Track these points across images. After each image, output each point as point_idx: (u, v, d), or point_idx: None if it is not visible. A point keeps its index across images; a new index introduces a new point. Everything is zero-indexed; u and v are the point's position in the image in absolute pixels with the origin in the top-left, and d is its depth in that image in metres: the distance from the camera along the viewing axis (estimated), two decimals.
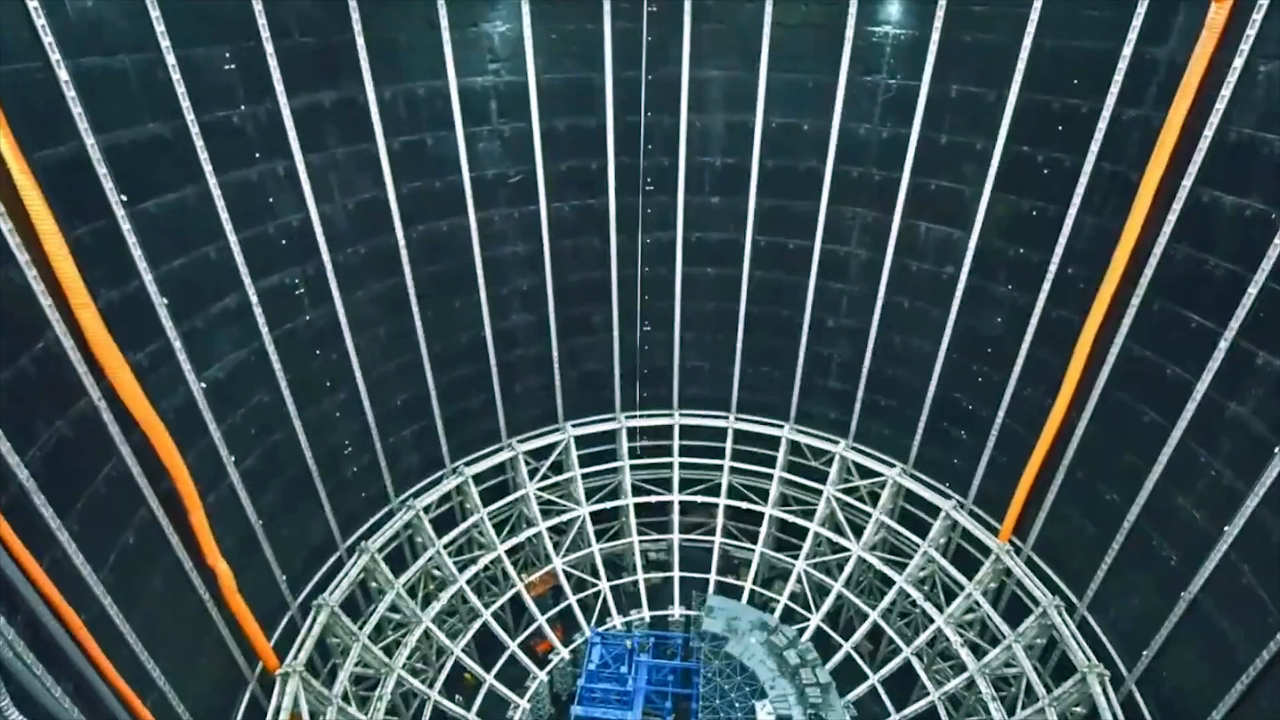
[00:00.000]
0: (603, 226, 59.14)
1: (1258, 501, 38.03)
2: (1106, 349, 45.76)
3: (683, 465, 67.78)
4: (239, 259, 43.77)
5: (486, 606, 61.28)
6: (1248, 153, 37.33)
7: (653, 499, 68.15)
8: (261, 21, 41.54)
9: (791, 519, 65.73)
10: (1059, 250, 47.64)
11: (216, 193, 41.57)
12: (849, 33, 51.20)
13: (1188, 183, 39.82)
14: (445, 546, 60.45)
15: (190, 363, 41.36)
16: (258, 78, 42.60)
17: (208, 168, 40.77)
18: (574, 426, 66.56)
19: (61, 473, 33.52)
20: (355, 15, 45.40)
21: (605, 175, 57.39)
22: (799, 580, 63.16)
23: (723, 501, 66.96)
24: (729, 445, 67.79)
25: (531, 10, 51.28)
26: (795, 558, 64.08)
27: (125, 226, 37.03)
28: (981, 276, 52.49)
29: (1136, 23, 41.08)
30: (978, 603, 55.53)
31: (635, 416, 67.90)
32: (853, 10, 50.66)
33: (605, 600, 63.47)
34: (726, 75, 55.33)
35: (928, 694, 56.01)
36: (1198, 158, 39.18)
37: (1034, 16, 44.75)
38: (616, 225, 59.12)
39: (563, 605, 63.38)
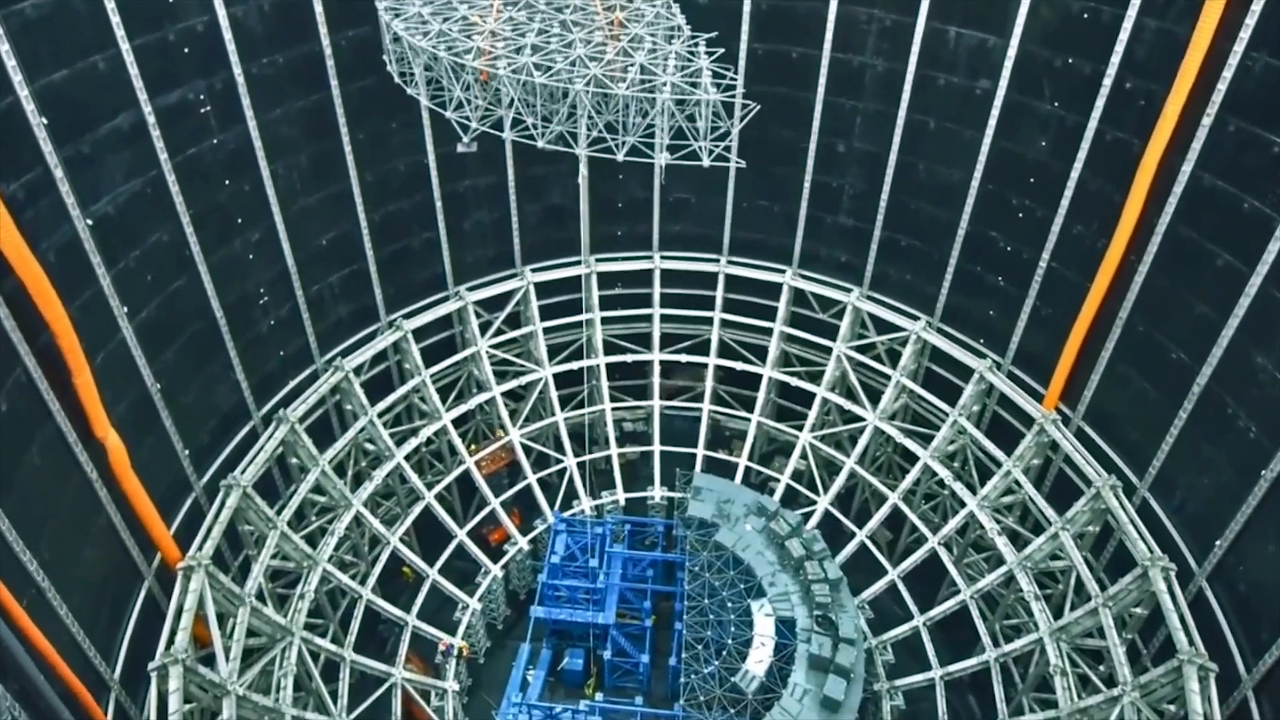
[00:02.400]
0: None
1: None
2: (1172, 178, 45.75)
3: (664, 319, 67.74)
4: (132, 70, 42.89)
5: (429, 487, 61.56)
6: None
7: (629, 358, 68.40)
8: None
9: (795, 383, 65.83)
10: (1115, 60, 47.21)
11: None
12: None
13: None
14: (380, 415, 60.48)
15: (74, 195, 40.88)
16: None
17: None
18: (534, 272, 66.45)
19: None
20: None
21: None
22: (804, 456, 63.44)
23: (712, 361, 67.01)
24: (720, 294, 67.68)
25: None
26: (799, 429, 64.43)
27: None
28: (1022, 91, 52.11)
29: None
30: (1018, 483, 56.09)
31: (607, 260, 67.70)
32: None
33: (571, 480, 63.83)
34: None
35: (958, 591, 56.94)
36: None
37: None
38: None
39: (520, 486, 63.86)
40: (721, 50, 43.34)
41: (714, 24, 49.57)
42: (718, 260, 67.38)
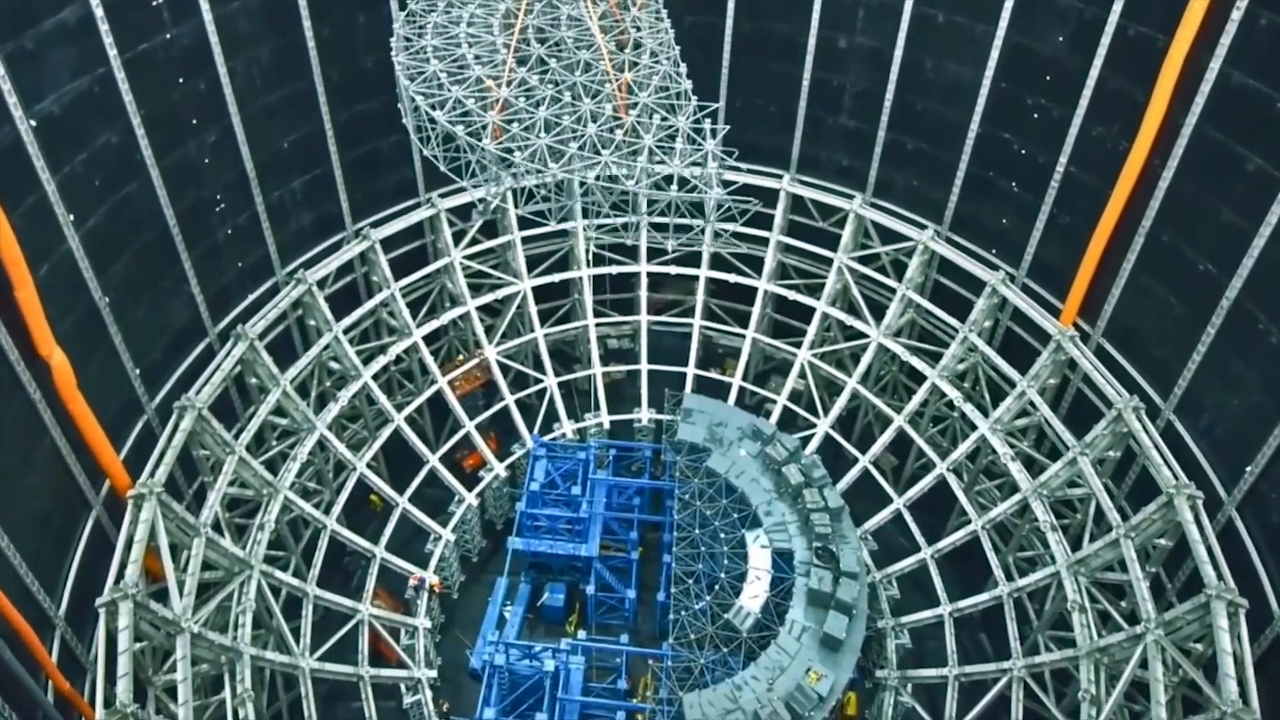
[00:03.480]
0: None
1: None
2: (1199, 76, 44.94)
3: (654, 227, 66.25)
4: None
5: (399, 409, 61.25)
6: None
7: (614, 270, 67.66)
8: None
9: (793, 297, 65.39)
10: None
11: None
12: None
13: None
14: (346, 332, 59.98)
15: (16, 94, 39.97)
16: None
17: None
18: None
19: None
20: None
21: None
22: (802, 375, 63.14)
23: (704, 274, 66.59)
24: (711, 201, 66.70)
25: None
26: (797, 346, 64.03)
27: None
28: None
29: None
30: (1033, 404, 55.72)
31: None
32: None
33: (552, 401, 63.49)
34: None
35: (968, 522, 56.77)
36: None
37: None
38: None
39: (497, 408, 63.64)
40: (727, 129, 44.06)
41: None
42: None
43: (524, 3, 49.33)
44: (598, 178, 42.95)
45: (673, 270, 67.13)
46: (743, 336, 65.40)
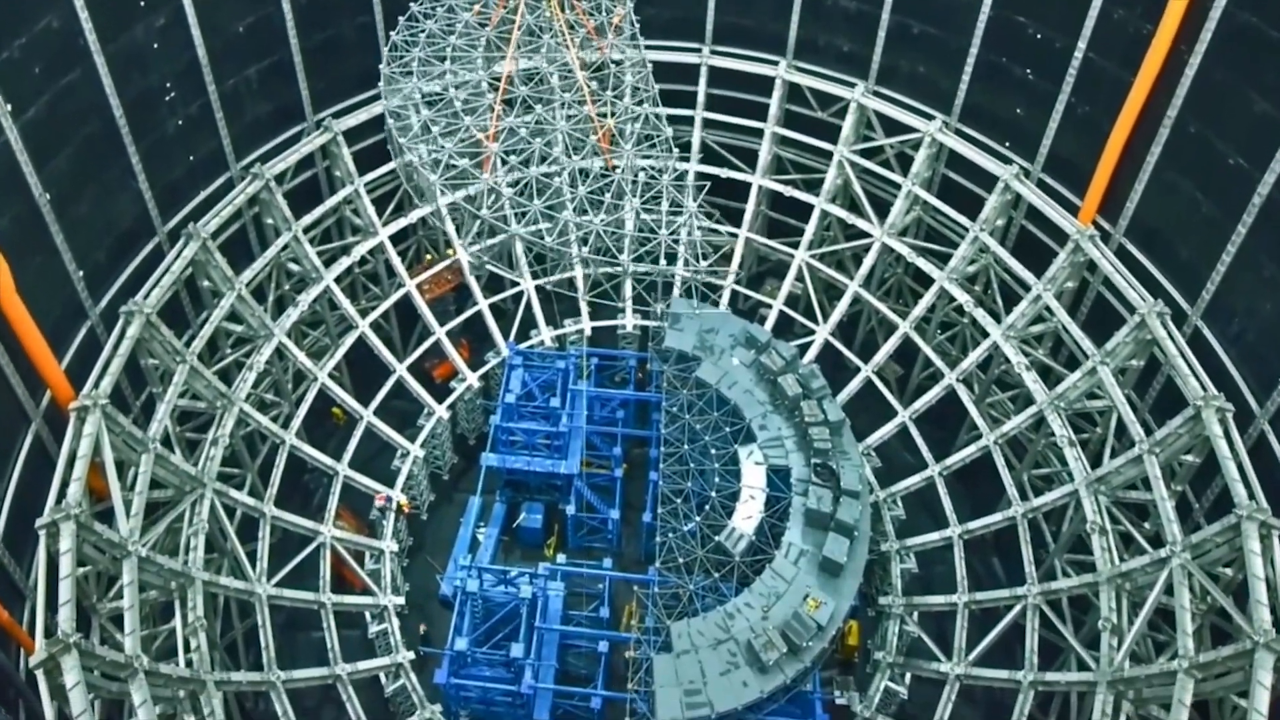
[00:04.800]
0: None
1: None
2: None
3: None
4: None
5: (363, 315, 61.01)
6: None
7: (596, 164, 66.63)
8: None
9: (789, 193, 64.88)
10: None
11: None
12: None
13: None
14: (306, 231, 59.54)
15: None
16: None
17: None
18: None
19: None
20: None
21: None
22: (800, 278, 62.90)
23: (694, 168, 64.84)
24: (701, 90, 66.54)
25: None
26: (794, 247, 63.63)
27: None
28: None
29: None
30: (1049, 309, 55.34)
31: None
32: None
33: (529, 304, 62.90)
34: None
35: (979, 436, 56.61)
36: None
37: None
38: None
39: (470, 313, 63.15)
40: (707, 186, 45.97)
41: None
42: (700, 50, 65.86)
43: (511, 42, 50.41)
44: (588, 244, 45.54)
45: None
46: (735, 236, 64.71)
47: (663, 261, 45.40)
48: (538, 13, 51.55)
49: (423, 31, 51.31)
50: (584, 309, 62.20)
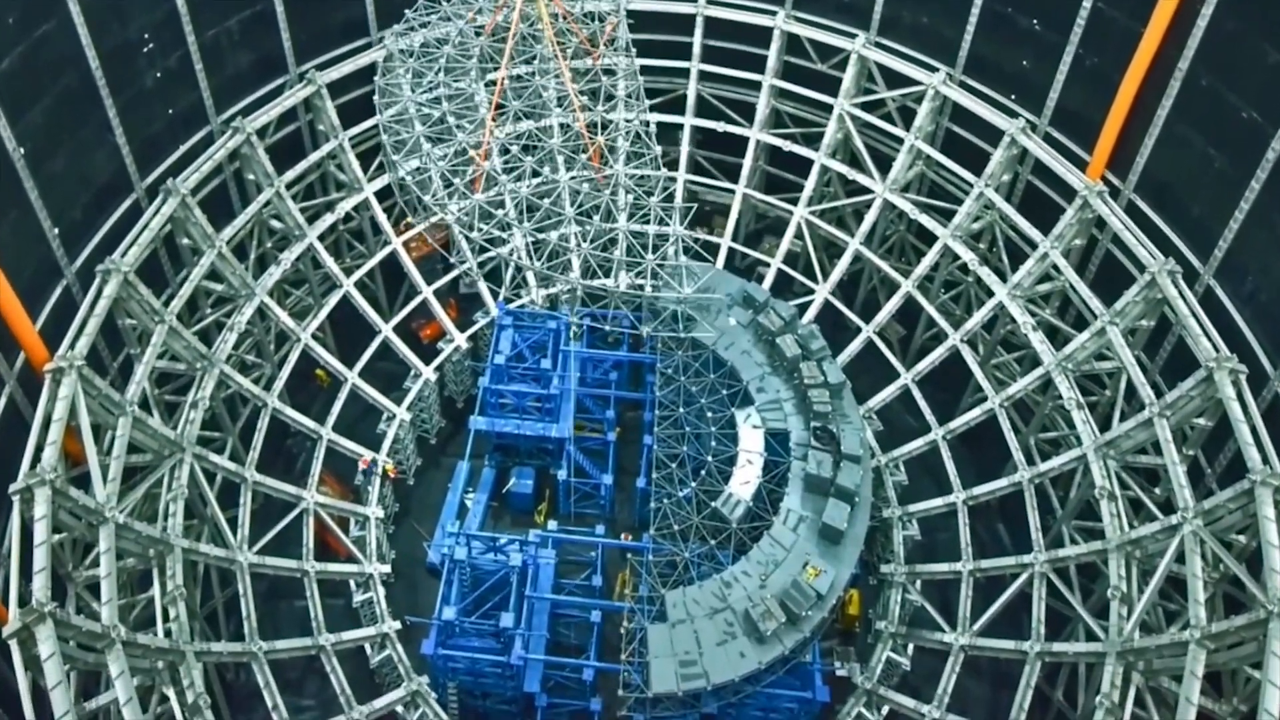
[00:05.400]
0: None
1: None
2: None
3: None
4: None
5: (348, 273, 60.75)
6: None
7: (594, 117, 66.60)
8: None
9: (788, 147, 64.50)
10: None
11: None
12: None
13: None
14: (289, 187, 59.24)
15: None
16: None
17: None
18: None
19: None
20: None
21: None
22: (799, 235, 62.64)
23: (689, 122, 65.93)
24: (697, 41, 66.09)
25: None
26: (793, 203, 63.37)
27: None
28: None
29: None
30: (1056, 268, 55.18)
31: None
32: None
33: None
34: None
35: (984, 399, 56.51)
36: None
37: None
38: None
39: (458, 271, 63.16)
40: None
41: None
42: (696, 0, 65.44)
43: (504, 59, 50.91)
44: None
45: (653, 118, 64.58)
46: (732, 192, 64.96)
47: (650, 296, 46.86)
48: (531, 21, 51.87)
49: (414, 47, 51.90)
50: (575, 265, 61.74)
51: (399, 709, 49.67)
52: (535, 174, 48.21)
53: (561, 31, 53.23)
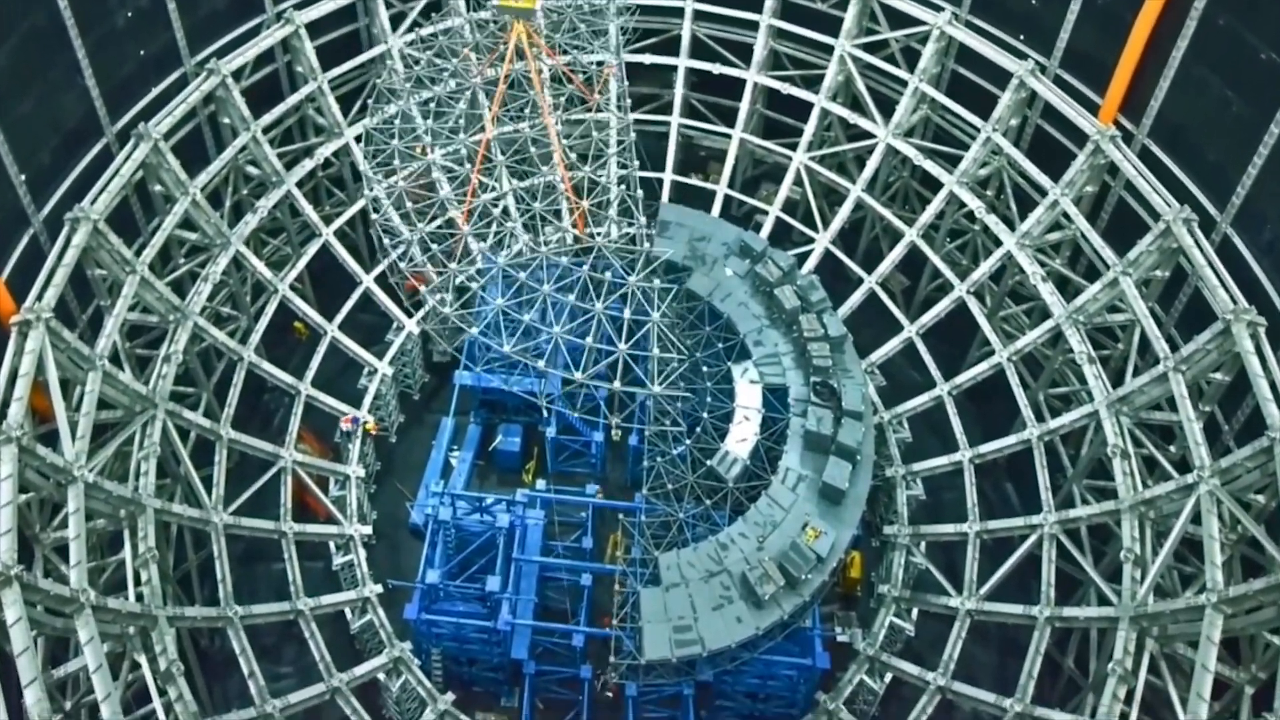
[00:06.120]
0: None
1: None
2: None
3: (624, 10, 63.83)
4: None
5: (327, 222, 60.54)
6: None
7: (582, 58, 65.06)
8: None
9: (787, 90, 64.10)
10: None
11: None
12: None
13: None
14: (266, 131, 58.81)
15: None
16: None
17: None
18: None
19: None
20: None
21: None
22: (798, 182, 62.26)
23: (683, 63, 65.41)
24: None
25: None
26: (792, 148, 62.98)
27: None
28: None
29: None
30: (1067, 216, 54.79)
31: None
32: None
33: (505, 210, 60.12)
34: None
35: (991, 353, 56.31)
36: None
37: None
38: None
39: (442, 219, 61.21)
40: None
41: None
42: None
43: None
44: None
45: (646, 59, 65.93)
46: (728, 137, 64.50)
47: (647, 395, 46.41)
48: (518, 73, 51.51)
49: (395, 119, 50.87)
50: (565, 214, 61.29)
51: (381, 676, 49.59)
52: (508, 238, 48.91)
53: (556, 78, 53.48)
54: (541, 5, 47.47)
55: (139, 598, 45.10)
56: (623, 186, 50.58)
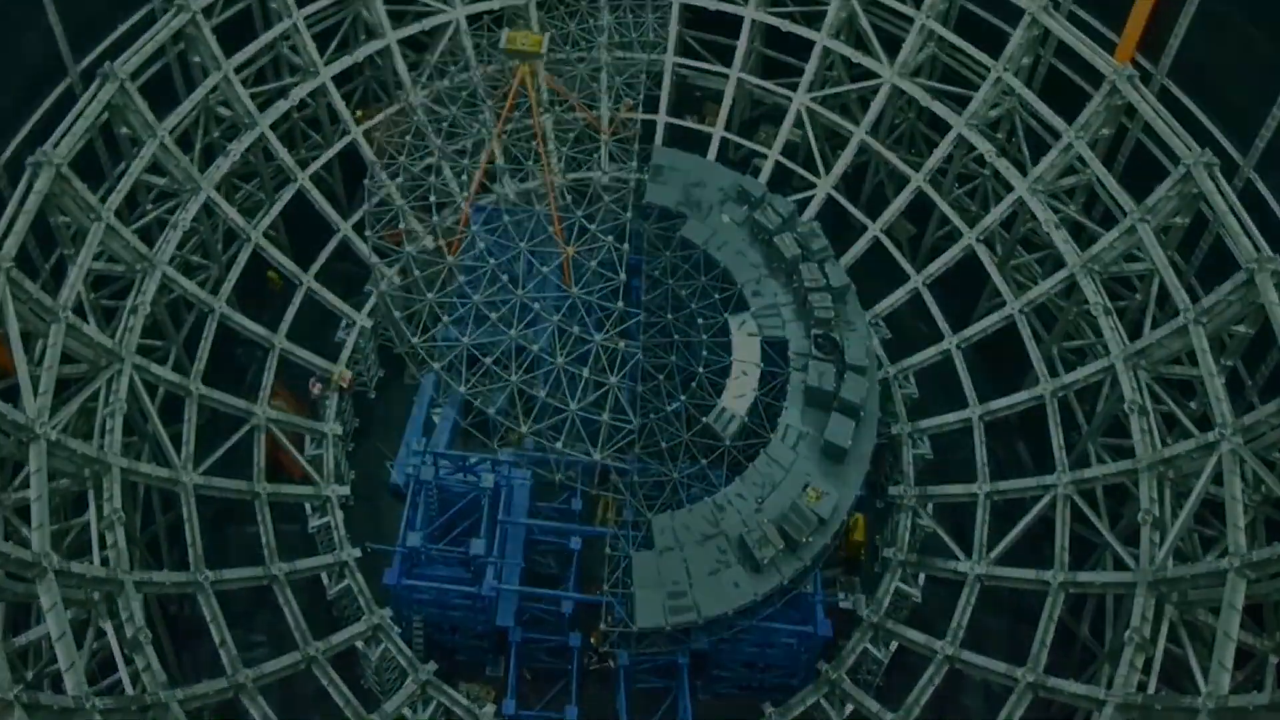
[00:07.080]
0: None
1: None
2: None
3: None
4: None
5: (303, 166, 59.95)
6: None
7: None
8: None
9: (786, 27, 63.59)
10: None
11: None
12: None
13: None
14: (238, 71, 58.17)
15: None
16: None
17: None
18: None
19: None
20: None
21: None
22: (799, 124, 61.81)
23: None
24: None
25: None
26: (792, 89, 62.52)
27: None
28: None
29: None
30: (1082, 160, 54.52)
31: None
32: None
33: (492, 160, 60.93)
34: None
35: (1002, 304, 56.16)
36: None
37: None
38: None
39: (425, 164, 60.49)
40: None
41: None
42: None
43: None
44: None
45: None
46: (725, 76, 64.30)
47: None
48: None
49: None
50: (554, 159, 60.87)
51: (359, 644, 49.68)
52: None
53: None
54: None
55: (104, 562, 44.92)
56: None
